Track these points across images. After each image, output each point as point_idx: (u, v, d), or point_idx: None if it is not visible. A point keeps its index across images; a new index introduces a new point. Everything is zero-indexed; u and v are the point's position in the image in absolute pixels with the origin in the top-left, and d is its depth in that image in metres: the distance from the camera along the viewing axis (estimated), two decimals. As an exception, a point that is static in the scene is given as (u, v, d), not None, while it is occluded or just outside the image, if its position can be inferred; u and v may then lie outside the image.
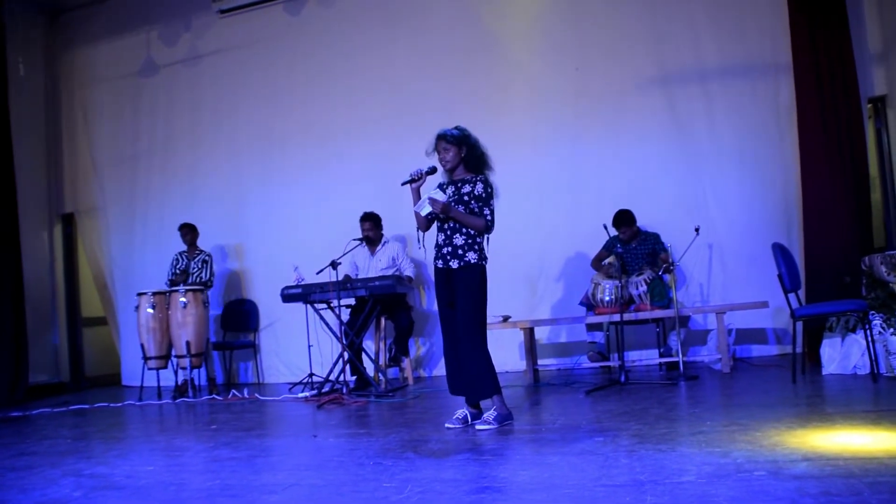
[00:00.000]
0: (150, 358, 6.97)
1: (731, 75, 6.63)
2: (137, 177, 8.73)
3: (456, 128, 4.23)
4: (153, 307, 6.94)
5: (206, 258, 7.57)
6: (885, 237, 6.44)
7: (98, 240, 8.93)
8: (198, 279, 7.43)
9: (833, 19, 6.07)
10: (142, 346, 7.00)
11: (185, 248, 7.62)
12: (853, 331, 5.10)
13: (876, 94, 6.34)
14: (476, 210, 4.16)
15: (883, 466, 2.51)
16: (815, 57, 6.10)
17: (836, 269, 5.73)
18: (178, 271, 7.52)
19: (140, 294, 7.05)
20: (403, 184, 4.29)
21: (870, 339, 4.71)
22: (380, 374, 6.49)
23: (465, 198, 4.17)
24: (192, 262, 7.53)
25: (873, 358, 4.71)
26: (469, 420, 4.13)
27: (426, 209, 4.14)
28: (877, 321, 4.82)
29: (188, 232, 7.56)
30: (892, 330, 4.65)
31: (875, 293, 5.05)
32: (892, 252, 4.98)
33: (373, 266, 6.91)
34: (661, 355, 6.24)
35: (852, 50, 6.05)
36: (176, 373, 7.02)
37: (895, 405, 3.89)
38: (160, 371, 7.05)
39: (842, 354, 5.13)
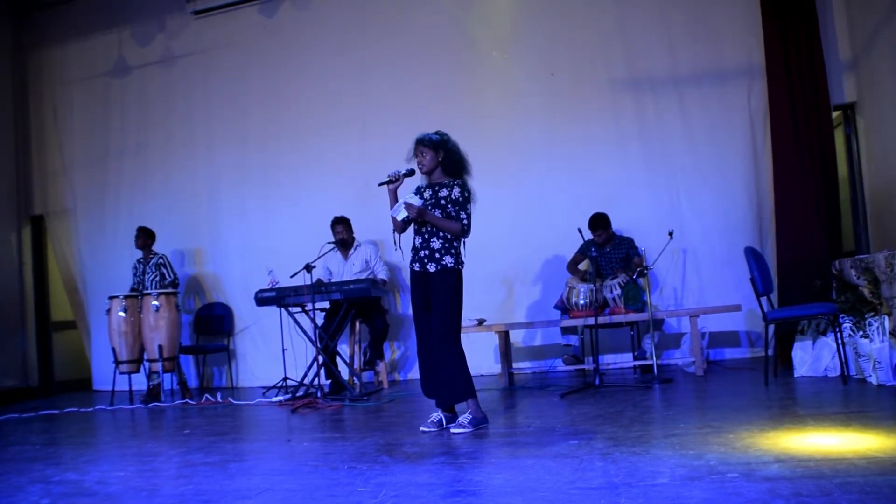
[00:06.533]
0: (122, 362, 6.88)
1: (704, 81, 6.70)
2: (109, 178, 8.62)
3: (436, 132, 4.25)
4: (125, 310, 6.86)
5: (160, 261, 7.46)
6: (855, 242, 6.55)
7: (68, 242, 8.80)
8: (156, 283, 7.32)
9: (804, 29, 6.20)
10: (113, 350, 6.90)
11: (140, 255, 7.54)
12: (824, 334, 5.16)
13: (846, 101, 6.45)
14: (453, 214, 4.16)
15: (853, 467, 2.54)
16: (786, 65, 6.21)
17: (808, 273, 5.81)
18: (138, 278, 7.45)
19: (112, 297, 6.95)
20: (381, 184, 4.29)
21: (840, 341, 4.77)
22: (354, 378, 6.45)
23: (443, 201, 4.17)
24: (147, 268, 7.43)
25: (843, 360, 4.78)
26: (444, 423, 4.13)
27: (402, 213, 4.16)
28: (847, 324, 4.88)
29: (139, 236, 7.47)
30: (861, 333, 4.71)
31: (845, 296, 5.11)
32: (861, 256, 5.04)
33: (347, 270, 6.88)
34: (635, 358, 6.27)
35: (823, 59, 6.16)
36: (148, 377, 6.92)
37: (864, 407, 3.94)
38: (132, 375, 6.95)
39: (813, 357, 5.19)
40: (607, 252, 6.43)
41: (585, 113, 7.03)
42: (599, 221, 6.33)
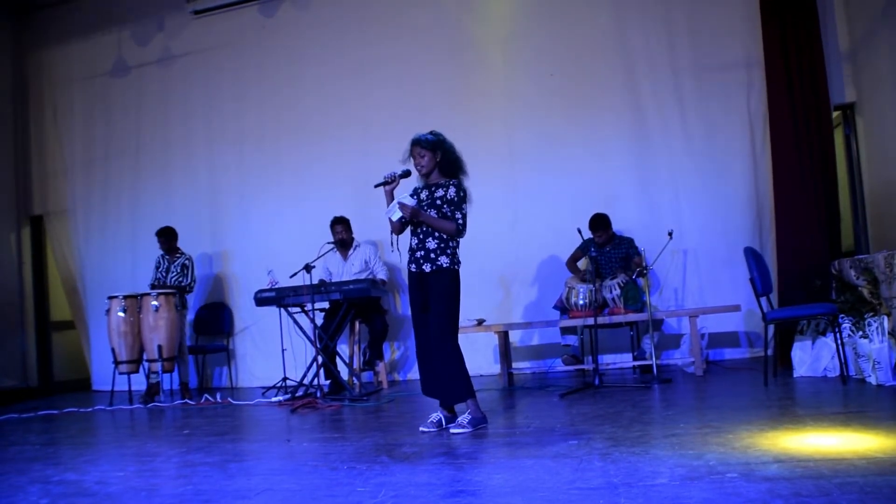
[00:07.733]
0: (122, 362, 6.86)
1: (704, 81, 6.71)
2: (109, 178, 8.62)
3: (431, 133, 4.24)
4: (124, 311, 6.84)
5: (187, 262, 7.43)
6: (854, 242, 6.55)
7: (68, 242, 8.80)
8: (176, 283, 7.32)
9: (804, 29, 6.20)
10: (112, 350, 6.89)
11: (163, 252, 7.52)
12: (823, 334, 5.16)
13: (846, 101, 6.45)
14: (448, 214, 4.16)
15: (852, 467, 2.54)
16: (786, 65, 6.22)
17: (807, 274, 5.80)
18: (160, 275, 7.42)
19: (111, 297, 6.94)
20: (377, 186, 4.30)
21: (839, 342, 4.77)
22: (354, 378, 6.46)
23: (438, 202, 4.17)
24: (173, 266, 7.42)
25: (843, 360, 4.78)
26: (443, 423, 4.13)
27: (396, 214, 4.18)
28: (846, 324, 4.88)
29: (165, 240, 7.39)
30: (860, 333, 4.71)
31: (844, 297, 5.11)
32: (861, 256, 5.05)
33: (346, 270, 6.89)
34: (634, 358, 6.27)
35: (823, 59, 6.16)
36: (147, 377, 6.91)
37: (864, 407, 3.94)
38: (131, 375, 6.93)
39: (812, 357, 5.19)
40: (607, 252, 6.43)
41: (585, 113, 7.03)
42: (600, 222, 6.32)
